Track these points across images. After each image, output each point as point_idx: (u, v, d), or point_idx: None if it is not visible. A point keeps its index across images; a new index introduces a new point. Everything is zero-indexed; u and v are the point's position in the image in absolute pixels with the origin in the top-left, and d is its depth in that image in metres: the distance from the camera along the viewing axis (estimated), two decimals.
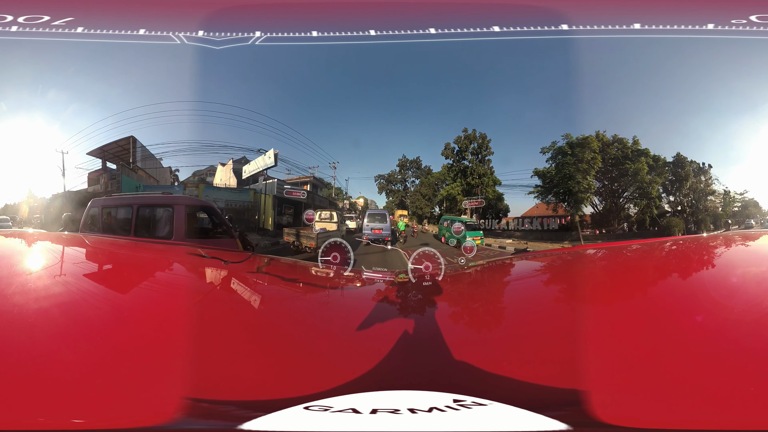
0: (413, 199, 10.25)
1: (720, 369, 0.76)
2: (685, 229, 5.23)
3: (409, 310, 1.38)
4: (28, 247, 1.83)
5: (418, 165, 10.46)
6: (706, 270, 1.55)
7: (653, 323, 0.98)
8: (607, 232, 6.21)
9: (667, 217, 5.39)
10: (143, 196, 4.97)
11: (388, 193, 10.59)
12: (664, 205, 5.50)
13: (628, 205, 6.01)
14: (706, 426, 0.65)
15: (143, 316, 1.04)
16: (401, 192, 10.48)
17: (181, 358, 0.82)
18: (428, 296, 1.46)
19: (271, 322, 1.21)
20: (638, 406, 0.69)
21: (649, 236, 5.56)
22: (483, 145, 8.53)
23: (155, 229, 3.74)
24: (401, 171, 10.46)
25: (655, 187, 5.44)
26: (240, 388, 0.79)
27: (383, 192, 10.58)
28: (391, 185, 10.50)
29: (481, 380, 0.81)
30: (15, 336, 0.83)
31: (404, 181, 10.49)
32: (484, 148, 8.52)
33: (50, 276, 1.30)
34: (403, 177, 10.47)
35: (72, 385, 0.71)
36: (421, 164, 10.49)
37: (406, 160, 10.46)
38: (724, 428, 0.65)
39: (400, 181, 10.51)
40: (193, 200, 5.19)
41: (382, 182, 10.50)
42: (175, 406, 0.68)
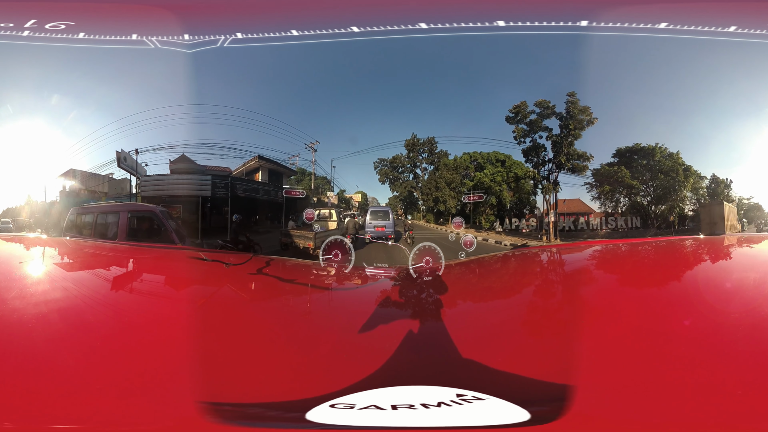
0: (427, 189, 7.86)
1: (713, 372, 0.77)
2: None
3: (410, 306, 1.38)
4: (27, 251, 1.84)
5: (432, 147, 7.85)
6: (705, 271, 1.55)
7: (652, 323, 1.00)
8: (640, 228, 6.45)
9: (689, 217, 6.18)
10: (102, 205, 5.69)
11: (393, 183, 8.08)
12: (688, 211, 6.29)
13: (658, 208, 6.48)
14: (696, 429, 0.67)
15: (149, 321, 1.05)
16: (410, 182, 8.05)
17: (190, 361, 0.83)
18: (428, 291, 1.47)
19: (275, 323, 1.21)
20: (630, 405, 0.71)
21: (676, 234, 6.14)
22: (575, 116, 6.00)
23: (107, 232, 4.47)
24: (410, 155, 7.85)
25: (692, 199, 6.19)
26: (254, 390, 0.80)
27: (386, 182, 8.02)
28: (396, 172, 8.01)
29: (479, 374, 0.83)
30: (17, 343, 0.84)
31: (414, 167, 7.90)
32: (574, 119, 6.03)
33: (51, 281, 1.30)
34: (414, 162, 7.88)
35: (85, 390, 0.72)
36: (436, 146, 7.80)
37: (416, 139, 7.78)
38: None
39: (409, 169, 7.98)
40: (137, 206, 5.58)
41: (385, 167, 7.94)
42: (190, 410, 0.69)
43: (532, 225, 6.88)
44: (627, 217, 6.31)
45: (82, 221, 4.67)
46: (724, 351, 0.84)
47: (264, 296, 1.53)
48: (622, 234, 6.38)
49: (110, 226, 4.44)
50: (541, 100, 6.08)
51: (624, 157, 6.18)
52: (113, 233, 4.28)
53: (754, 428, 0.66)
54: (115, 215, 4.45)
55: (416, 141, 7.82)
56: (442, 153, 7.78)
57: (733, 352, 0.83)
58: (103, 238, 4.24)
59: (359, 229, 6.58)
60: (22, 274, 1.41)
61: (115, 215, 4.46)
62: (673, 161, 5.85)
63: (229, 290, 1.54)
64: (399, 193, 8.13)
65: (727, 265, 1.64)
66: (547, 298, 1.40)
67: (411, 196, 8.14)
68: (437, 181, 7.79)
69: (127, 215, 4.40)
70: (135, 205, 5.68)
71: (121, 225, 4.30)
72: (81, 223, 4.66)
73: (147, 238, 4.31)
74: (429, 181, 7.88)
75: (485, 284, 1.76)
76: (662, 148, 5.91)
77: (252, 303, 1.43)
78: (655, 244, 2.28)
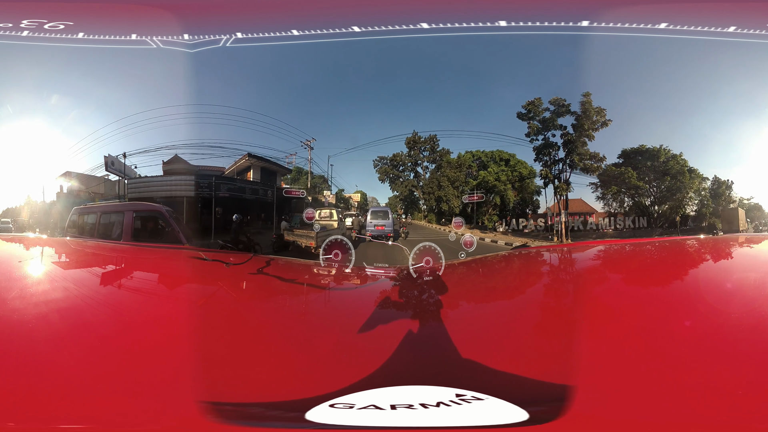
0: (429, 188, 7.47)
1: (713, 372, 0.77)
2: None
3: (410, 306, 1.38)
4: (27, 252, 1.84)
5: (434, 144, 7.49)
6: (705, 272, 1.55)
7: (651, 322, 1.00)
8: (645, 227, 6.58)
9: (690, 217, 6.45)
10: (105, 205, 5.57)
11: (393, 182, 7.69)
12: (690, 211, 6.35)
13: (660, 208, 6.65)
14: (696, 429, 0.67)
15: (149, 321, 1.05)
16: (411, 181, 7.65)
17: (191, 361, 0.83)
18: (429, 292, 1.47)
19: (275, 323, 1.22)
20: (628, 406, 0.71)
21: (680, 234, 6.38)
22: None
23: (111, 233, 4.36)
24: (411, 152, 7.49)
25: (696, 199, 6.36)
26: (255, 390, 0.80)
27: (386, 180, 7.64)
28: (397, 171, 7.63)
29: (479, 375, 0.83)
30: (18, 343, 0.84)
31: (416, 165, 7.54)
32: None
33: (51, 281, 1.30)
34: (415, 160, 7.51)
35: (86, 390, 0.72)
36: (437, 144, 7.46)
37: (417, 137, 7.40)
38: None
39: (410, 167, 7.60)
40: (143, 206, 5.39)
41: (385, 165, 7.55)
42: (192, 410, 0.69)
43: (540, 225, 6.69)
44: (632, 217, 6.34)
45: (84, 221, 4.61)
46: (724, 351, 0.84)
47: (264, 296, 1.53)
48: (629, 234, 6.39)
49: (114, 226, 4.37)
50: (556, 98, 5.97)
51: (629, 158, 6.20)
52: (117, 233, 4.22)
53: (755, 429, 0.66)
54: (120, 215, 4.36)
55: (417, 138, 7.48)
56: (444, 151, 7.50)
57: (732, 353, 0.83)
58: (106, 239, 4.19)
59: (361, 228, 6.56)
60: (22, 275, 1.42)
61: (119, 215, 4.38)
62: (680, 165, 5.89)
63: (230, 290, 1.54)
64: (399, 192, 7.78)
65: (728, 265, 1.64)
66: (547, 298, 1.40)
67: (411, 195, 7.79)
68: (439, 179, 7.45)
69: (132, 215, 4.31)
70: (141, 204, 5.55)
71: (125, 225, 4.22)
72: (83, 223, 4.60)
73: (153, 239, 4.25)
74: (431, 179, 7.56)
75: (485, 284, 1.76)
76: (666, 149, 5.95)
77: (252, 303, 1.43)
78: (658, 245, 2.28)
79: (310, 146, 6.36)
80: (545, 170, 6.41)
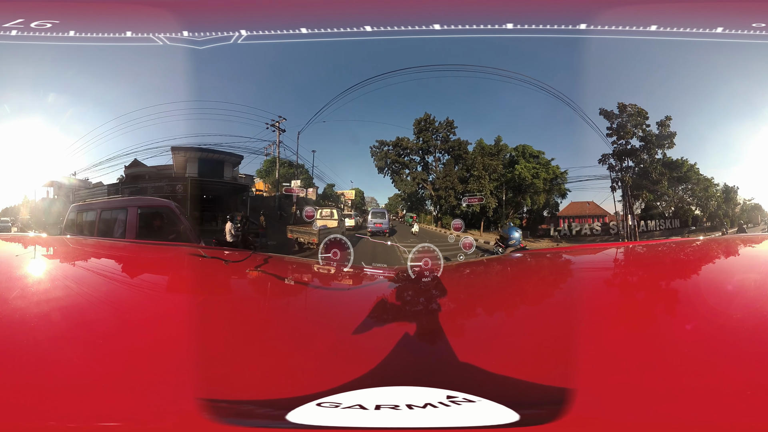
0: (447, 183, 5.96)
1: (712, 375, 0.77)
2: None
3: (407, 308, 1.39)
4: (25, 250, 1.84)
5: (450, 130, 5.92)
6: (705, 274, 1.55)
7: (650, 324, 1.00)
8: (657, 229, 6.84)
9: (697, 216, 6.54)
10: (107, 200, 5.10)
11: (396, 174, 6.17)
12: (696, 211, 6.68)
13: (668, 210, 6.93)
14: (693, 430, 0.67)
15: (148, 319, 1.05)
16: (420, 174, 6.12)
17: (189, 358, 0.84)
18: (427, 293, 1.47)
19: (272, 320, 1.22)
20: (625, 408, 0.71)
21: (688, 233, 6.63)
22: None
23: (112, 230, 4.09)
24: (420, 138, 5.96)
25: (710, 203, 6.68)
26: (249, 388, 0.80)
27: (386, 172, 6.18)
28: (403, 158, 6.09)
29: (474, 377, 0.83)
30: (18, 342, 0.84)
31: (426, 154, 6.03)
32: None
33: (51, 280, 1.31)
34: (426, 147, 6.01)
35: (86, 388, 0.73)
36: (454, 131, 5.92)
37: (429, 118, 5.86)
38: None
39: (420, 156, 6.08)
40: (149, 201, 4.95)
41: (388, 151, 6.07)
42: (190, 407, 0.70)
43: (596, 229, 6.07)
44: (669, 219, 6.60)
45: (83, 219, 4.38)
46: (725, 353, 0.84)
47: (262, 294, 1.54)
48: (666, 234, 6.55)
49: (117, 224, 4.08)
50: (640, 108, 5.57)
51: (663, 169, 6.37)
52: (120, 231, 3.95)
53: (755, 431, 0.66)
54: (123, 211, 4.05)
55: (431, 120, 5.81)
56: (461, 142, 5.97)
57: (733, 355, 0.82)
58: (107, 237, 3.97)
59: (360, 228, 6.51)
60: (23, 274, 1.42)
61: (122, 211, 4.06)
62: (707, 181, 6.05)
63: (228, 287, 1.55)
64: (403, 190, 6.26)
65: (728, 266, 1.64)
66: (543, 301, 1.40)
67: (416, 194, 6.30)
68: (473, 167, 5.78)
69: (137, 211, 3.99)
70: (146, 199, 5.03)
71: (129, 222, 3.92)
72: (82, 221, 4.38)
73: (161, 236, 3.94)
74: (448, 172, 5.96)
75: (483, 287, 1.76)
76: (686, 161, 6.09)
77: (251, 300, 1.43)
78: (662, 246, 2.29)
79: (278, 127, 4.95)
80: (625, 175, 5.89)
